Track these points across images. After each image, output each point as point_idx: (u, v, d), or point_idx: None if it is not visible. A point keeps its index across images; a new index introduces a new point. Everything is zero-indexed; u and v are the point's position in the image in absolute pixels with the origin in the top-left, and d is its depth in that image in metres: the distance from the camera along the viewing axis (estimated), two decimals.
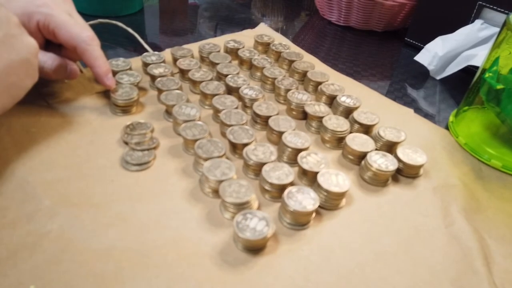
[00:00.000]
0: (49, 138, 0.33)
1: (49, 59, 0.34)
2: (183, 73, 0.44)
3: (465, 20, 0.52)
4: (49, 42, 0.36)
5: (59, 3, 0.35)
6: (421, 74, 0.53)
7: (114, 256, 0.25)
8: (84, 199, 0.28)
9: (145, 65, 0.44)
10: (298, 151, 0.33)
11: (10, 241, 0.25)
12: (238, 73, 0.43)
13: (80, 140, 0.34)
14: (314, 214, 0.29)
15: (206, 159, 0.31)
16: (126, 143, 0.33)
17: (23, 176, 0.29)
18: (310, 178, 0.32)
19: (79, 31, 0.34)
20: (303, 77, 0.46)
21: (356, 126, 0.38)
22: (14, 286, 0.22)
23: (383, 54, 0.59)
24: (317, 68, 0.47)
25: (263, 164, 0.31)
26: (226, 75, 0.42)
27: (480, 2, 0.50)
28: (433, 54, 0.50)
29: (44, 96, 0.38)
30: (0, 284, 0.22)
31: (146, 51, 0.48)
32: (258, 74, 0.46)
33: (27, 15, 0.33)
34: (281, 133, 0.35)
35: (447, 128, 0.42)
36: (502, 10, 0.48)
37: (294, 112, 0.40)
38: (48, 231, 0.26)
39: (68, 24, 0.34)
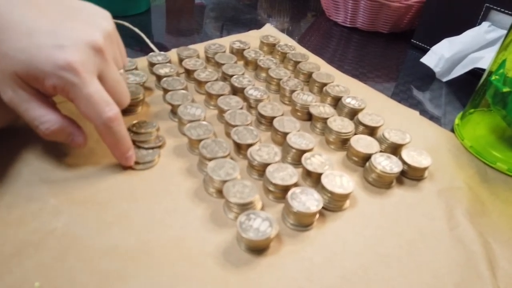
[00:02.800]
0: None
1: (48, 122, 0.27)
2: (188, 73, 0.44)
3: (472, 22, 0.51)
4: None
5: (91, 58, 0.27)
6: (427, 76, 0.53)
7: (118, 254, 0.25)
8: (88, 198, 0.29)
9: (151, 65, 0.44)
10: (303, 152, 0.33)
11: (16, 238, 0.25)
12: (243, 74, 0.43)
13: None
14: (317, 216, 0.29)
15: (210, 159, 0.31)
16: (133, 141, 0.34)
17: (29, 174, 0.30)
18: (314, 179, 0.32)
19: (100, 110, 0.27)
20: (308, 78, 0.46)
21: (361, 128, 0.38)
22: (19, 283, 0.23)
23: (389, 55, 0.59)
24: (323, 69, 0.47)
25: (267, 164, 0.31)
26: (232, 76, 0.42)
27: (488, 4, 0.50)
28: (440, 56, 0.50)
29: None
30: (5, 280, 0.23)
31: (152, 51, 0.49)
32: (263, 75, 0.46)
33: (41, 73, 0.25)
34: (285, 134, 0.35)
35: (452, 130, 0.42)
36: (510, 12, 0.48)
37: (298, 113, 0.40)
38: (53, 228, 0.26)
39: (90, 99, 0.27)
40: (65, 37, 0.26)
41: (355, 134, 0.37)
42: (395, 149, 0.36)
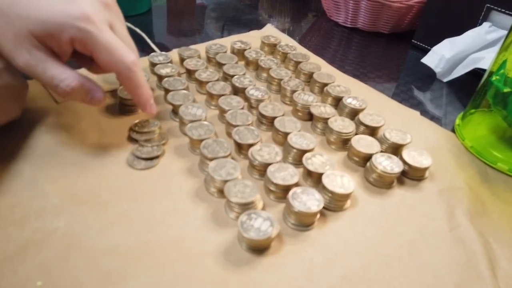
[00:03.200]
0: (57, 136, 0.34)
1: (68, 78, 0.28)
2: (189, 73, 0.44)
3: (473, 22, 0.51)
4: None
5: (101, 10, 0.28)
6: (428, 77, 0.53)
7: (119, 254, 0.25)
8: (90, 197, 0.29)
9: (152, 65, 0.44)
10: (303, 152, 0.33)
11: (19, 238, 0.25)
12: (244, 74, 0.44)
13: (87, 139, 0.34)
14: (318, 215, 0.29)
15: (211, 159, 0.31)
16: (136, 140, 0.34)
17: (31, 174, 0.30)
18: (315, 179, 0.32)
19: (122, 55, 0.28)
20: (309, 78, 0.46)
21: (362, 128, 0.38)
22: (22, 281, 0.23)
23: (389, 56, 0.59)
24: (323, 69, 0.47)
25: (268, 164, 0.31)
26: (233, 76, 0.43)
27: (488, 5, 0.50)
28: (440, 56, 0.50)
29: (53, 96, 0.38)
30: (8, 279, 0.23)
31: (154, 51, 0.49)
32: (264, 75, 0.46)
33: (58, 27, 0.26)
34: (286, 134, 0.35)
35: (453, 130, 0.42)
36: (510, 13, 0.48)
37: (299, 113, 0.40)
38: (55, 228, 0.26)
39: (110, 46, 0.28)
40: None
41: (356, 134, 0.37)
42: (396, 149, 0.36)
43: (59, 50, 0.28)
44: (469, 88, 0.46)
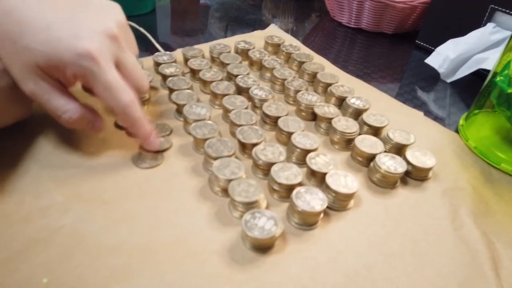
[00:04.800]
0: (62, 135, 0.34)
1: (70, 110, 0.29)
2: (194, 73, 0.44)
3: (477, 23, 0.51)
4: None
5: (106, 46, 0.28)
6: (432, 77, 0.53)
7: (124, 252, 0.25)
8: (95, 196, 0.29)
9: (157, 64, 0.44)
10: (307, 152, 0.33)
11: (24, 236, 0.25)
12: (248, 74, 0.44)
13: (93, 138, 0.34)
14: (322, 215, 0.29)
15: (215, 158, 0.31)
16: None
17: (37, 172, 0.30)
18: (318, 179, 0.32)
19: (118, 96, 0.28)
20: (313, 78, 0.46)
21: (365, 128, 0.38)
22: (27, 279, 0.23)
23: (393, 56, 0.59)
24: (327, 69, 0.47)
25: (272, 164, 0.31)
26: (236, 76, 0.43)
27: (493, 6, 0.50)
28: (444, 57, 0.50)
29: None
30: (14, 277, 0.23)
31: (158, 50, 0.49)
32: (268, 75, 0.46)
33: (62, 63, 0.27)
34: (290, 134, 0.35)
35: (457, 131, 0.42)
36: None
37: (303, 113, 0.40)
38: (60, 226, 0.26)
39: (109, 86, 0.28)
40: (82, 28, 0.28)
41: (360, 134, 0.37)
42: (399, 150, 0.36)
43: (64, 80, 0.29)
44: (473, 89, 0.46)
